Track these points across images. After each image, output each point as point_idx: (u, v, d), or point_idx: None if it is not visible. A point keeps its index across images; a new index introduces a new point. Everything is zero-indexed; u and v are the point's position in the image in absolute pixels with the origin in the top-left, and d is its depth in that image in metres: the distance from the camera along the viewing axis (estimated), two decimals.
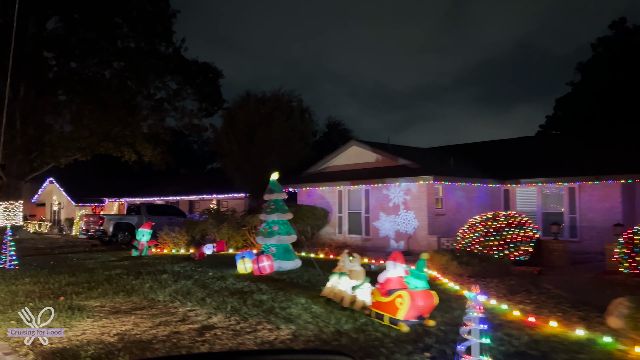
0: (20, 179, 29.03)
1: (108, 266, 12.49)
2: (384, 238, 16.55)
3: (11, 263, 12.92)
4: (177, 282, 9.45)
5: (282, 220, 11.29)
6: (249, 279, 9.79)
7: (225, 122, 20.75)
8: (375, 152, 17.43)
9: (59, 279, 10.19)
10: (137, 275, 10.44)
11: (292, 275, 10.36)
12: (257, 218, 16.04)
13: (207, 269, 11.58)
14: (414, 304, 5.74)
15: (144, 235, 15.84)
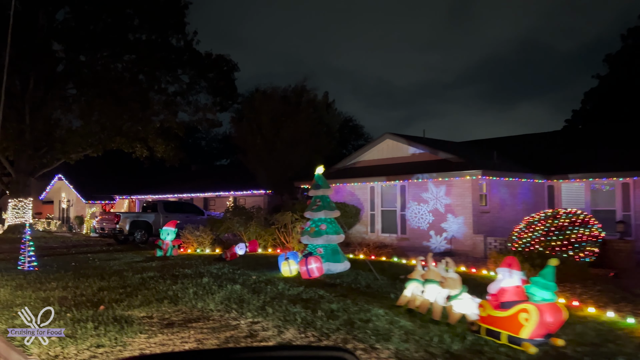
0: (29, 175, 28.09)
1: (136, 268, 11.53)
2: (422, 237, 15.56)
3: (30, 264, 11.98)
4: (223, 287, 8.47)
5: (329, 218, 10.32)
6: (301, 284, 8.81)
7: (247, 115, 19.71)
8: (412, 145, 16.42)
9: (88, 283, 9.22)
10: (173, 279, 9.47)
11: (345, 279, 9.38)
12: (288, 215, 15.11)
13: (247, 271, 10.62)
14: (542, 319, 4.75)
15: (169, 234, 14.89)
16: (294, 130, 18.48)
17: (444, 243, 14.99)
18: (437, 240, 15.14)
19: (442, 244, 15.01)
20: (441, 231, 15.05)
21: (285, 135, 18.45)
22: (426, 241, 15.36)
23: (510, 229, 15.32)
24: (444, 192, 14.98)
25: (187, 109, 30.51)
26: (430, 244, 15.26)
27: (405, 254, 13.33)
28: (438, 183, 15.12)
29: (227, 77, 30.46)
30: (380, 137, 17.28)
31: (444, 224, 14.99)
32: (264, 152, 18.87)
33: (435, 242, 15.20)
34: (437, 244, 15.13)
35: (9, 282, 9.50)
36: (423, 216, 15.54)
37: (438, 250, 14.94)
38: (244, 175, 30.09)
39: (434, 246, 15.17)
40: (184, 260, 13.06)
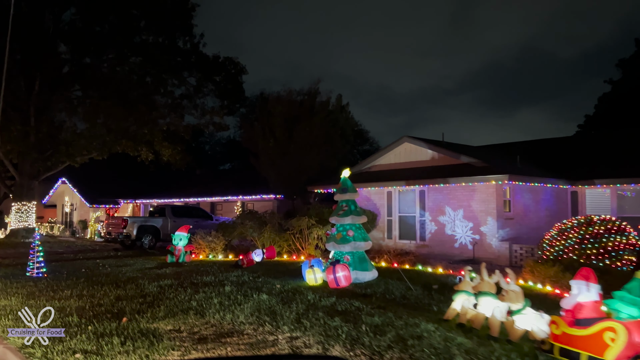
0: (34, 179, 27.55)
1: (151, 275, 11.00)
2: (443, 244, 15.04)
3: (39, 271, 11.45)
4: (249, 297, 7.95)
5: (356, 224, 9.80)
6: (331, 293, 8.28)
7: (260, 117, 19.23)
8: (432, 149, 15.93)
9: (103, 291, 8.70)
10: (194, 288, 8.95)
11: (375, 288, 8.86)
12: (304, 221, 14.61)
13: (268, 279, 10.10)
14: (631, 339, 4.24)
15: (181, 239, 14.37)
16: (308, 134, 17.99)
17: (467, 250, 14.46)
18: (459, 247, 14.63)
19: (464, 252, 14.49)
20: (463, 238, 14.53)
21: (299, 139, 17.96)
22: (447, 248, 14.84)
23: (534, 236, 14.85)
24: (467, 197, 14.48)
25: (193, 112, 30.06)
26: (452, 252, 14.74)
27: (427, 262, 12.79)
28: (460, 188, 14.62)
29: (234, 80, 30.01)
30: (398, 141, 16.78)
31: (466, 230, 14.47)
32: (277, 155, 18.37)
33: (456, 249, 14.68)
34: (458, 251, 14.61)
35: (19, 290, 8.98)
36: (444, 222, 15.03)
37: (460, 257, 14.42)
38: (252, 179, 29.58)
39: (456, 253, 14.65)
40: (198, 267, 12.53)
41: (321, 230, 14.47)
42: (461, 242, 14.63)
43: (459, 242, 14.65)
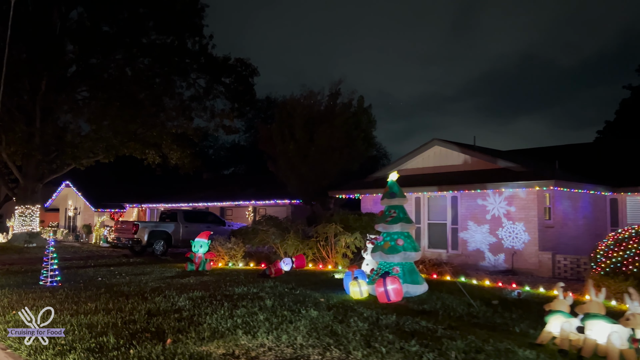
0: (38, 181, 26.68)
1: (175, 285, 10.14)
2: (477, 253, 14.22)
3: (54, 279, 10.60)
4: (296, 313, 7.11)
5: (406, 232, 8.98)
6: (386, 310, 7.44)
7: (279, 119, 18.45)
8: (465, 152, 15.14)
9: (131, 304, 7.84)
10: (229, 301, 8.10)
11: (432, 304, 8.02)
12: (331, 227, 13.81)
13: (306, 290, 9.27)
14: None
15: (202, 246, 13.52)
16: (330, 136, 17.19)
17: (503, 261, 13.65)
18: (495, 257, 13.81)
19: (501, 262, 13.67)
20: (500, 247, 13.72)
21: (321, 141, 17.16)
22: (482, 258, 14.02)
23: (572, 245, 14.05)
24: (505, 204, 13.68)
25: (202, 114, 29.28)
26: (487, 262, 13.93)
27: (466, 273, 11.99)
28: (497, 194, 13.83)
29: (245, 81, 29.22)
30: (427, 144, 16.00)
31: (503, 239, 13.67)
32: (297, 159, 17.57)
33: (492, 259, 13.87)
34: (495, 261, 13.80)
35: (36, 301, 8.12)
36: (479, 231, 14.22)
37: (496, 268, 13.60)
38: (263, 184, 28.74)
39: (491, 264, 13.83)
40: (223, 277, 11.67)
41: (349, 238, 13.66)
42: (497, 252, 13.81)
43: (494, 251, 13.84)
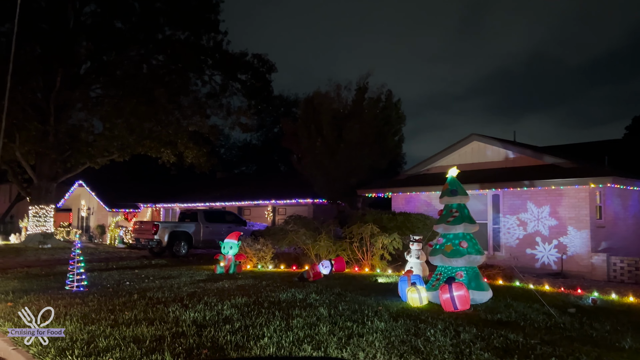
0: (52, 181, 26.11)
1: (211, 291, 9.42)
2: (521, 255, 13.42)
3: (80, 284, 9.92)
4: (361, 324, 6.37)
5: (469, 234, 8.21)
6: (458, 320, 6.68)
7: (304, 115, 17.71)
8: (507, 148, 14.34)
9: (172, 313, 7.11)
10: (279, 309, 7.37)
11: (504, 313, 7.24)
12: (367, 228, 13.06)
13: (357, 297, 8.52)
14: None
15: (232, 247, 12.80)
16: (359, 132, 16.44)
17: (552, 263, 12.83)
18: (543, 259, 13.00)
19: (550, 264, 12.86)
20: (548, 249, 12.91)
21: (349, 137, 16.40)
22: (527, 260, 13.22)
23: (623, 246, 13.23)
24: (552, 202, 12.87)
25: (218, 112, 28.58)
26: (533, 264, 13.12)
27: (513, 276, 11.19)
28: (543, 192, 13.03)
29: (263, 78, 28.51)
30: (465, 139, 15.19)
31: (551, 240, 12.86)
32: (325, 155, 16.81)
33: (539, 261, 13.05)
34: (541, 264, 12.99)
35: (68, 309, 7.42)
36: (523, 231, 13.42)
37: (544, 271, 12.79)
38: (281, 182, 28.05)
39: (538, 266, 13.02)
40: (258, 280, 10.94)
41: (386, 239, 12.91)
42: (545, 254, 13.00)
43: (542, 253, 13.03)
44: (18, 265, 15.28)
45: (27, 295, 8.82)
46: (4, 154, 24.81)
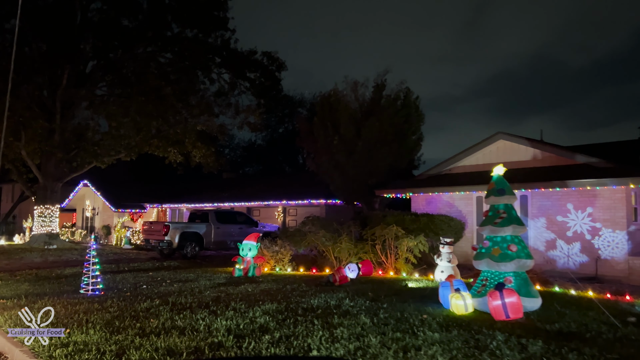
0: (58, 181, 25.57)
1: (235, 295, 8.87)
2: (554, 259, 12.87)
3: (96, 287, 9.38)
4: (412, 335, 5.82)
5: (517, 236, 7.66)
6: (514, 329, 6.13)
7: (321, 113, 17.18)
8: (536, 147, 13.81)
9: (203, 321, 6.56)
10: (316, 317, 6.82)
11: (563, 322, 6.69)
12: (392, 230, 12.52)
13: (395, 303, 7.97)
14: None
15: (250, 249, 12.26)
16: (378, 130, 15.90)
17: (585, 266, 12.28)
18: (576, 262, 12.45)
19: (582, 268, 12.30)
20: (582, 252, 12.36)
21: (369, 136, 15.86)
22: (559, 264, 12.66)
23: None
24: (586, 203, 12.32)
25: (226, 111, 28.02)
26: (565, 267, 12.56)
27: (548, 281, 10.65)
28: (575, 193, 12.48)
29: (272, 76, 27.97)
30: (491, 138, 14.66)
31: (585, 243, 12.31)
32: (342, 155, 16.27)
33: (571, 265, 12.50)
34: (574, 267, 12.43)
35: (88, 316, 6.88)
36: (554, 233, 12.87)
37: (577, 275, 12.22)
38: (290, 183, 27.53)
39: (570, 270, 12.45)
40: (282, 284, 10.39)
41: (412, 242, 12.37)
42: (578, 257, 12.45)
43: (575, 256, 12.48)
44: (26, 267, 14.75)
45: (41, 300, 8.28)
46: (9, 152, 24.33)
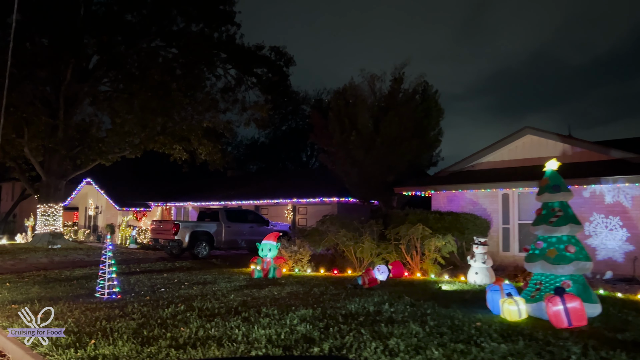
0: (61, 178, 24.96)
1: (262, 299, 8.29)
2: None
3: (112, 291, 8.80)
4: (478, 347, 5.25)
5: (574, 237, 7.09)
6: (589, 340, 5.57)
7: (336, 107, 16.60)
8: (566, 142, 13.24)
9: (237, 329, 5.99)
10: (360, 325, 6.25)
11: (627, 329, 6.14)
12: (418, 229, 11.97)
13: (437, 308, 7.41)
14: None
15: (270, 249, 11.69)
16: (398, 126, 15.33)
17: (620, 267, 11.73)
18: (609, 262, 11.90)
19: (617, 268, 11.75)
20: (619, 252, 11.81)
21: (388, 132, 15.29)
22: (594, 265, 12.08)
23: None
24: (623, 201, 11.78)
25: (232, 107, 27.42)
26: (597, 268, 11.99)
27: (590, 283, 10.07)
28: (611, 190, 11.93)
29: (280, 71, 27.36)
30: (517, 133, 14.08)
31: (622, 242, 11.76)
32: (360, 151, 15.70)
33: (604, 265, 11.95)
34: (607, 267, 11.88)
35: (111, 324, 6.29)
36: (588, 234, 12.31)
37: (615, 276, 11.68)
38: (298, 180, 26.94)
39: (603, 270, 11.91)
40: (307, 287, 9.81)
41: (440, 241, 11.80)
42: (611, 257, 11.91)
43: (610, 256, 11.93)
44: (32, 268, 14.16)
45: (56, 305, 7.68)
46: (12, 149, 23.71)
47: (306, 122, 51.61)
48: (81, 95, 24.64)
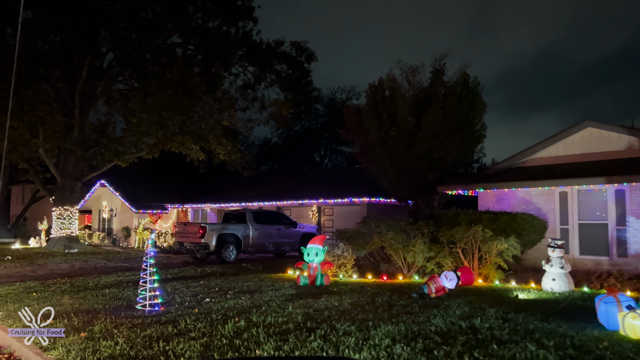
0: (77, 180, 24.12)
1: (326, 311, 7.30)
2: None
3: (155, 302, 7.85)
4: None
5: None
6: None
7: (372, 101, 15.61)
8: (633, 135, 12.19)
9: (323, 352, 5.01)
10: (473, 347, 5.26)
11: None
12: (477, 231, 10.98)
13: (533, 321, 6.41)
14: None
15: (317, 254, 10.69)
16: (442, 120, 14.33)
17: None
18: None
19: None
20: None
21: (431, 126, 14.28)
22: None
23: None
24: None
25: (251, 105, 26.51)
26: None
27: None
28: None
29: (301, 67, 26.40)
30: (577, 126, 13.03)
31: None
32: (400, 147, 14.69)
33: None
34: None
35: (172, 345, 5.32)
36: None
37: None
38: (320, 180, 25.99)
39: None
40: (365, 296, 8.81)
41: (503, 244, 10.78)
42: None
43: None
44: (54, 275, 13.25)
45: (96, 320, 6.74)
46: (25, 150, 22.87)
47: (319, 121, 50.69)
48: (97, 93, 23.81)
